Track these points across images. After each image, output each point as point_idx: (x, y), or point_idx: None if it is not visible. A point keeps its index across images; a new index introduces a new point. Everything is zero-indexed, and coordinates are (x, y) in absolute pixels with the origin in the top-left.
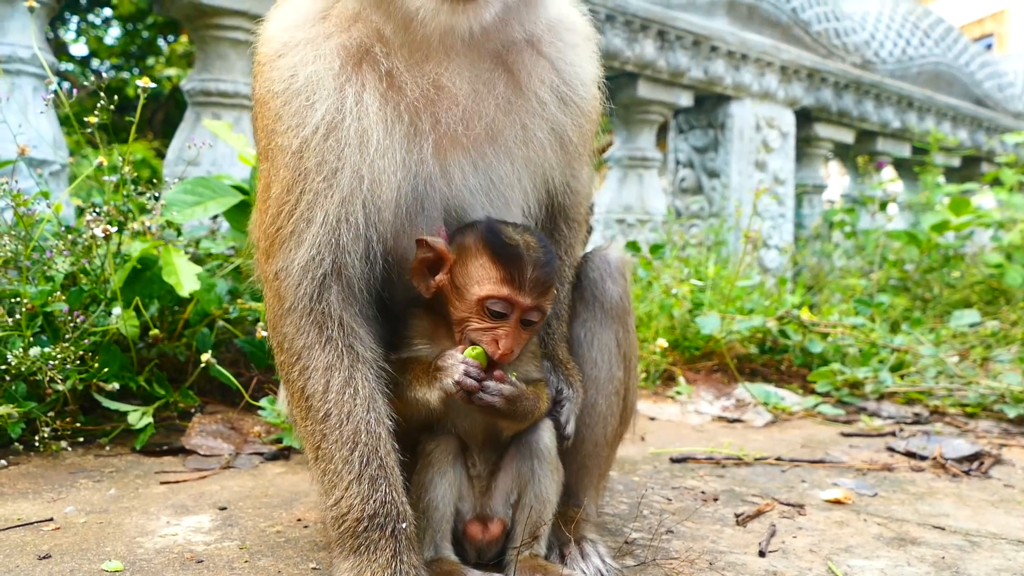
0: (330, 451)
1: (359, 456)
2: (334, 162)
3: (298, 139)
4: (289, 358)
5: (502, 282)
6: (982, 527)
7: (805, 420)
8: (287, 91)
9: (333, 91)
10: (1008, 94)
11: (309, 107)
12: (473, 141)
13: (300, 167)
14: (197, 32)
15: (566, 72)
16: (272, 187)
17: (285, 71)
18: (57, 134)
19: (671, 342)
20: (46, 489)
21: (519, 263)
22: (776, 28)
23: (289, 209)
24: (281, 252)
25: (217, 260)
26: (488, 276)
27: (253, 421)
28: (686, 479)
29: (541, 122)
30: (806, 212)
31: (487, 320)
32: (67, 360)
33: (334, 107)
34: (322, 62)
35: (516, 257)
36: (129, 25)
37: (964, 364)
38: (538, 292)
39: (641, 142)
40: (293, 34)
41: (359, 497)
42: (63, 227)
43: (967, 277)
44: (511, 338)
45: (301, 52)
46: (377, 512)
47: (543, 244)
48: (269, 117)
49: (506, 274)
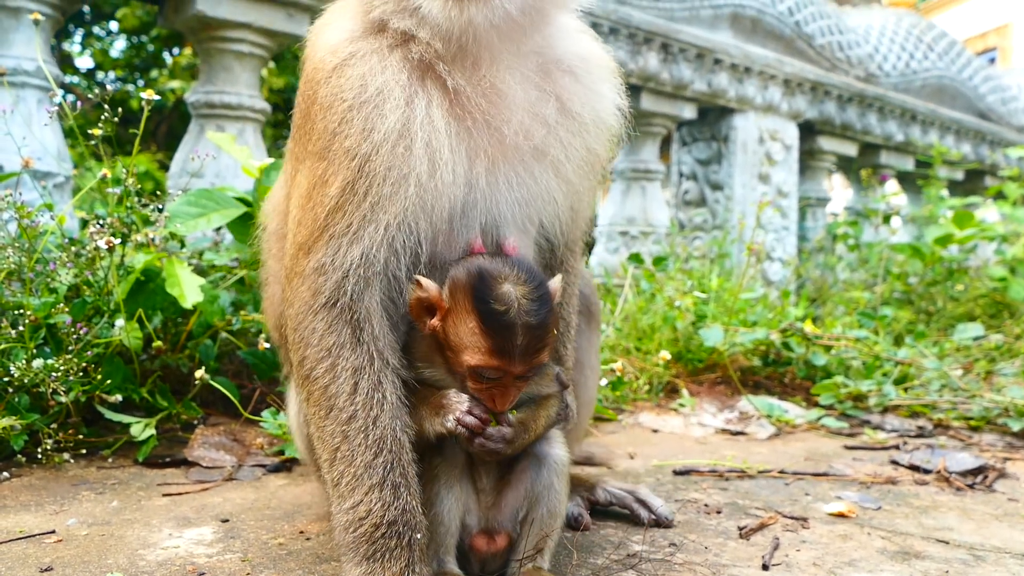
0: (352, 454)
1: (383, 462)
2: (403, 169)
3: (368, 143)
4: (316, 354)
5: (491, 354)
6: (986, 541)
7: (809, 433)
8: (357, 98)
9: (402, 103)
10: (1011, 108)
11: (380, 116)
12: (524, 155)
13: (367, 169)
14: (201, 44)
15: (600, 101)
16: (329, 185)
17: (355, 79)
18: (61, 146)
19: (674, 354)
20: (48, 501)
21: (509, 333)
22: (779, 41)
23: (351, 208)
24: (329, 247)
25: (220, 272)
26: (477, 345)
27: (256, 433)
28: (689, 492)
29: (581, 145)
30: (810, 225)
31: (480, 382)
32: (70, 372)
33: (403, 118)
34: (390, 73)
35: (506, 327)
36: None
37: (968, 377)
38: (530, 356)
39: (644, 154)
40: (358, 44)
41: (380, 503)
42: (67, 239)
43: (971, 290)
44: (506, 396)
45: (369, 62)
46: (396, 520)
47: (536, 294)
48: (334, 120)
49: (495, 345)
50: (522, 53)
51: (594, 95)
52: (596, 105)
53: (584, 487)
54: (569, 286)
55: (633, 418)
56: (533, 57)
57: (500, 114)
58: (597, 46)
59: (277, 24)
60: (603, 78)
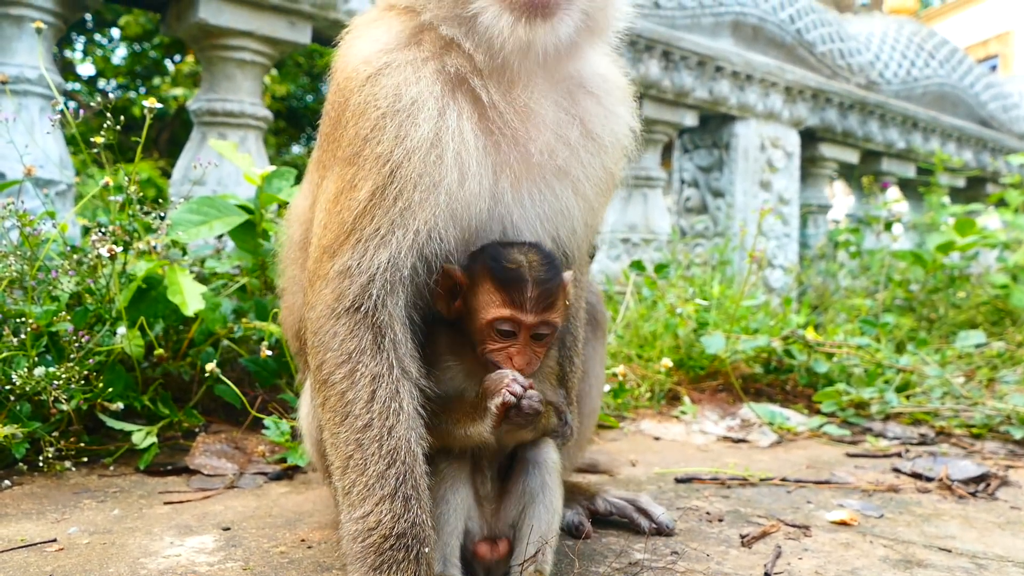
0: (365, 463)
1: (396, 473)
2: (434, 177)
3: (401, 149)
4: (335, 358)
5: (505, 305)
6: (989, 549)
7: (810, 440)
8: (391, 107)
9: (435, 113)
10: (1013, 115)
11: (413, 124)
12: (547, 172)
13: (399, 175)
14: (203, 52)
15: (617, 123)
16: (358, 190)
17: (389, 88)
18: (63, 154)
19: (676, 361)
20: (50, 509)
21: (520, 284)
22: (781, 49)
23: (381, 213)
24: (355, 250)
25: (222, 279)
26: (492, 300)
27: (257, 440)
28: (691, 499)
29: (599, 165)
30: (811, 232)
31: (498, 340)
32: (71, 380)
33: (436, 128)
34: (424, 84)
35: (517, 279)
36: (136, 45)
37: (970, 385)
38: (541, 308)
39: (646, 161)
40: (393, 55)
41: (390, 515)
42: (69, 247)
43: (973, 298)
44: (523, 354)
45: (403, 73)
46: (406, 532)
47: (546, 260)
48: (366, 127)
49: (508, 297)
50: (555, 79)
51: (613, 117)
52: (614, 127)
53: (585, 496)
54: (578, 299)
55: (635, 425)
56: (565, 82)
57: (528, 133)
58: (616, 68)
59: (279, 32)
60: (621, 100)
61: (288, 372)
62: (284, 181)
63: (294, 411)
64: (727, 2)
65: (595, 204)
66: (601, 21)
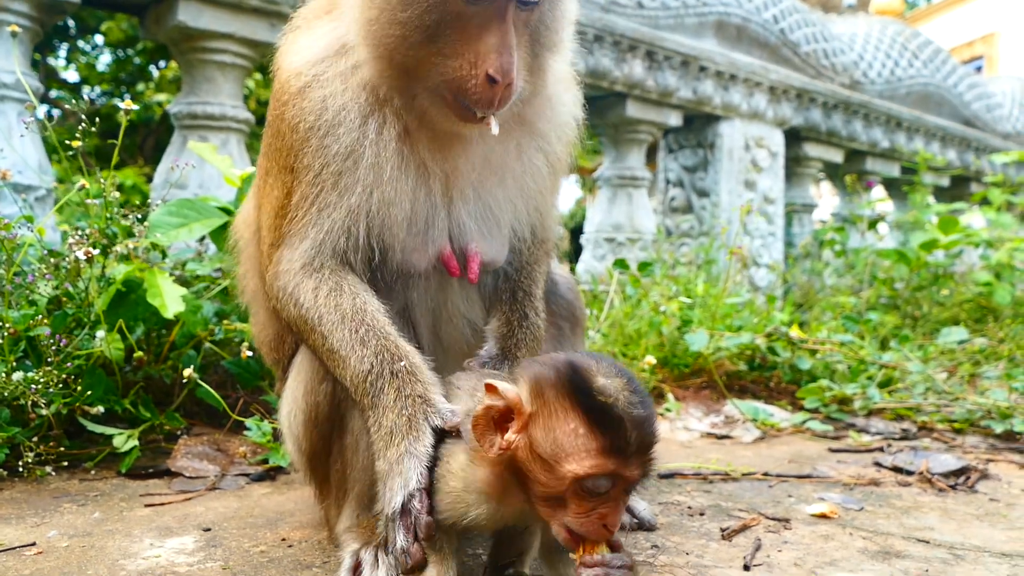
0: (332, 343)
1: (351, 329)
2: (347, 181)
3: (321, 159)
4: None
5: (604, 454)
6: (967, 540)
7: (794, 436)
8: (317, 120)
9: (358, 124)
10: (997, 115)
11: (335, 137)
12: (484, 167)
13: (318, 182)
14: (183, 55)
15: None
16: (292, 196)
17: (316, 102)
18: (43, 159)
19: (660, 359)
20: (29, 514)
21: (621, 427)
22: (765, 49)
23: (301, 215)
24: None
25: (204, 282)
26: (586, 447)
27: (239, 442)
28: (673, 494)
29: (542, 160)
30: (796, 231)
31: (586, 501)
32: (50, 384)
33: (357, 137)
34: (349, 95)
35: (617, 420)
36: (119, 51)
37: (952, 380)
38: (645, 456)
39: (630, 161)
40: (322, 68)
41: (356, 360)
42: (47, 251)
43: (956, 295)
44: (617, 513)
45: (331, 86)
46: (372, 366)
47: (634, 385)
48: (297, 141)
49: (608, 443)
50: None
51: (556, 107)
52: (558, 120)
53: None
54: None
55: None
56: None
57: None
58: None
59: (259, 34)
60: (564, 89)
61: (270, 374)
62: None
63: (275, 412)
64: (711, 2)
65: (540, 191)
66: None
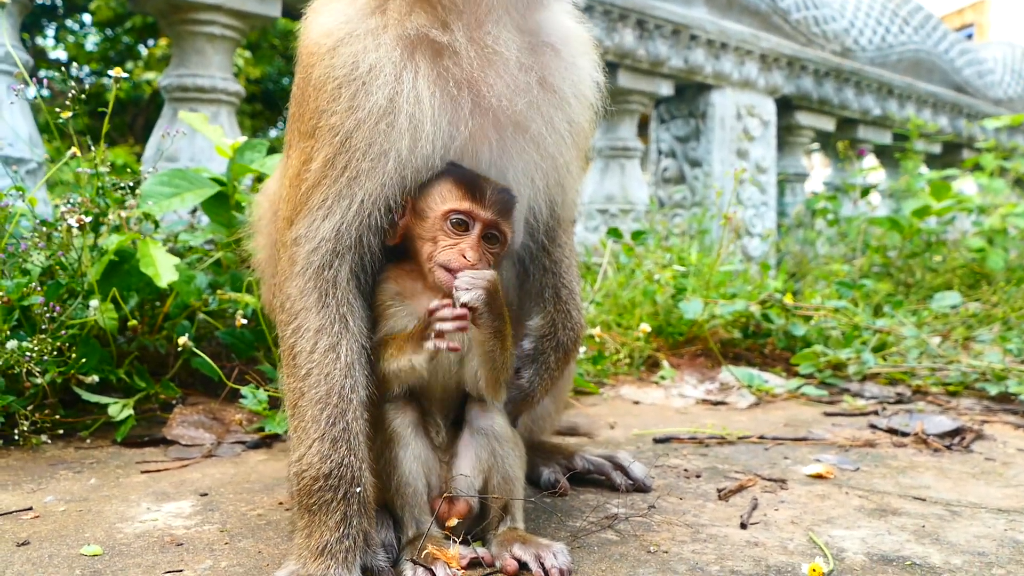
0: (304, 408)
1: (327, 416)
2: (383, 145)
3: (353, 119)
4: (287, 318)
5: (463, 198)
6: (963, 497)
7: (789, 402)
8: (348, 76)
9: (392, 79)
10: (988, 80)
11: (367, 94)
12: (505, 128)
13: (348, 146)
14: (173, 28)
15: (578, 74)
16: (313, 162)
17: (347, 58)
18: (33, 132)
19: (655, 328)
20: (26, 480)
21: (478, 183)
22: (755, 16)
23: (329, 183)
24: (306, 220)
25: (197, 254)
26: (449, 195)
27: (235, 411)
28: (669, 458)
29: (562, 118)
30: (788, 200)
31: (450, 235)
32: (45, 353)
33: (391, 94)
34: (383, 51)
35: (475, 178)
36: (108, 30)
37: (946, 344)
38: (498, 209)
39: (622, 132)
40: (355, 25)
41: (318, 455)
42: (39, 221)
43: (949, 261)
44: (476, 249)
45: (363, 42)
46: (332, 473)
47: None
48: (324, 100)
49: (466, 192)
50: (521, 26)
51: (574, 68)
52: (575, 78)
53: (563, 456)
54: (566, 258)
55: (614, 391)
56: (527, 34)
57: (487, 77)
58: (578, 23)
59: (248, 6)
60: (582, 52)
61: (264, 343)
62: (256, 152)
63: (271, 381)
64: None
65: (561, 160)
66: None
